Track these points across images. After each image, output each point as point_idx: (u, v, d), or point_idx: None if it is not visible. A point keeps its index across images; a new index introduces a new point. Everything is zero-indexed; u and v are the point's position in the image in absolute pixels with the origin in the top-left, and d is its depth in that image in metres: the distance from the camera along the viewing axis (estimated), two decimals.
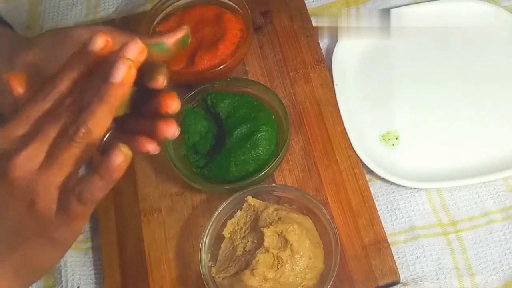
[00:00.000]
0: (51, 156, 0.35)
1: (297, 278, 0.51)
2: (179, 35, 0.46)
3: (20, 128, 0.36)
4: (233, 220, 0.56)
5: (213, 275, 0.54)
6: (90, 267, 0.61)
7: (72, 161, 0.36)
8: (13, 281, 0.38)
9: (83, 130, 0.35)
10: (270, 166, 0.57)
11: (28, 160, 0.35)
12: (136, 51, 0.37)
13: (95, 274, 0.60)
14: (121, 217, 0.61)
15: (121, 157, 0.36)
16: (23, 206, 0.36)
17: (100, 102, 0.35)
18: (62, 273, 0.60)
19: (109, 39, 0.38)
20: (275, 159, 0.57)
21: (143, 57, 0.38)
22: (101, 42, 0.37)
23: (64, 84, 0.37)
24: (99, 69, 0.37)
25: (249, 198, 0.56)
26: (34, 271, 0.40)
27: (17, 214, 0.36)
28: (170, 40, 0.45)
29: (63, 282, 0.60)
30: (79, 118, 0.35)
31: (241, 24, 0.67)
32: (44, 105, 0.36)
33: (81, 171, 0.39)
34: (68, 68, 0.37)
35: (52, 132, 0.36)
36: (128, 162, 0.36)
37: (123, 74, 0.36)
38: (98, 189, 0.36)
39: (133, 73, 0.36)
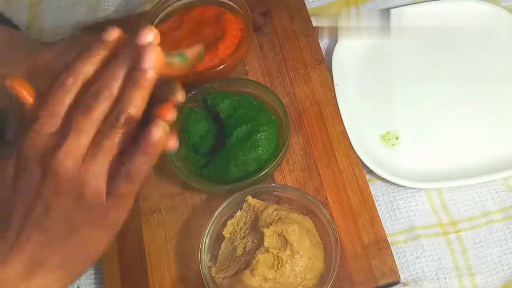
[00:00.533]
0: (95, 145, 0.36)
1: (297, 278, 0.51)
2: (197, 48, 0.46)
3: (51, 124, 0.37)
4: (233, 220, 0.56)
5: (213, 275, 0.54)
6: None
7: (116, 147, 0.37)
8: (61, 275, 0.39)
9: (124, 117, 0.36)
10: (270, 166, 0.57)
11: (70, 154, 0.36)
12: (152, 35, 0.38)
13: (95, 274, 0.60)
14: None
15: (160, 130, 0.37)
16: (72, 199, 0.37)
17: (135, 88, 0.37)
18: None
19: (122, 33, 0.39)
20: (275, 159, 0.57)
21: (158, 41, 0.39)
22: (115, 34, 0.39)
23: (81, 76, 0.38)
24: (115, 59, 0.38)
25: (249, 198, 0.56)
26: (83, 261, 0.40)
27: (66, 208, 0.37)
28: (190, 53, 0.46)
29: None
30: (118, 107, 0.36)
31: (241, 24, 0.67)
32: (68, 98, 0.37)
33: None
34: (82, 60, 0.38)
35: (87, 123, 0.36)
36: (167, 134, 0.38)
37: (154, 59, 0.37)
38: (143, 164, 0.38)
39: (163, 58, 0.38)
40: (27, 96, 0.39)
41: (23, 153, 0.37)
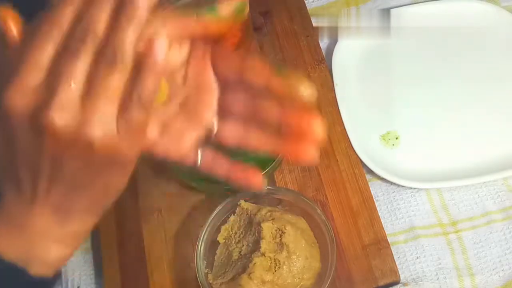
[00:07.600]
0: (93, 89, 0.32)
1: (295, 279, 0.51)
2: (234, 1, 0.41)
3: (35, 76, 0.32)
4: (226, 225, 0.55)
5: (210, 281, 0.53)
6: (90, 267, 0.61)
7: (117, 86, 0.32)
8: (91, 215, 0.38)
9: (120, 52, 0.31)
10: (270, 166, 0.57)
11: (65, 106, 0.31)
12: None
13: (95, 274, 0.60)
14: (121, 217, 0.61)
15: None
16: (82, 150, 0.33)
17: (127, 20, 0.31)
18: (62, 273, 0.60)
19: None
20: (275, 159, 0.57)
21: None
22: None
23: (65, 20, 0.32)
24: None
25: (242, 202, 0.56)
26: (108, 197, 0.38)
27: (77, 160, 0.34)
28: (224, 7, 0.42)
29: (63, 282, 0.60)
30: (110, 44, 0.31)
31: (241, 24, 0.66)
32: (50, 46, 0.32)
33: None
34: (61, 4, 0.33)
35: (77, 69, 0.32)
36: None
37: None
38: (152, 85, 0.33)
39: None
40: (13, 28, 0.33)
41: (10, 110, 0.32)
